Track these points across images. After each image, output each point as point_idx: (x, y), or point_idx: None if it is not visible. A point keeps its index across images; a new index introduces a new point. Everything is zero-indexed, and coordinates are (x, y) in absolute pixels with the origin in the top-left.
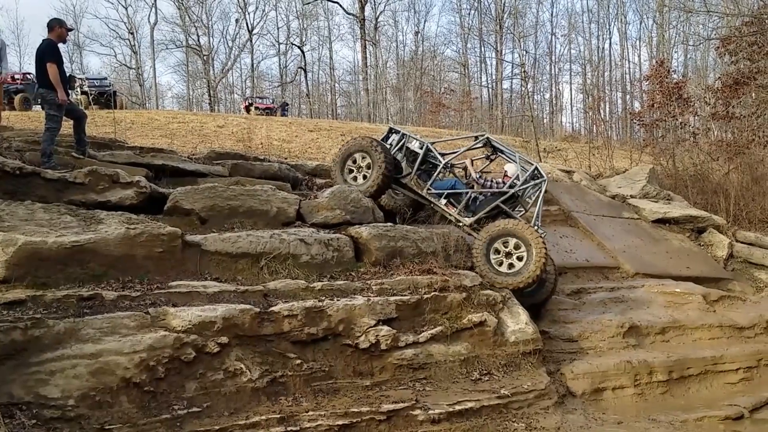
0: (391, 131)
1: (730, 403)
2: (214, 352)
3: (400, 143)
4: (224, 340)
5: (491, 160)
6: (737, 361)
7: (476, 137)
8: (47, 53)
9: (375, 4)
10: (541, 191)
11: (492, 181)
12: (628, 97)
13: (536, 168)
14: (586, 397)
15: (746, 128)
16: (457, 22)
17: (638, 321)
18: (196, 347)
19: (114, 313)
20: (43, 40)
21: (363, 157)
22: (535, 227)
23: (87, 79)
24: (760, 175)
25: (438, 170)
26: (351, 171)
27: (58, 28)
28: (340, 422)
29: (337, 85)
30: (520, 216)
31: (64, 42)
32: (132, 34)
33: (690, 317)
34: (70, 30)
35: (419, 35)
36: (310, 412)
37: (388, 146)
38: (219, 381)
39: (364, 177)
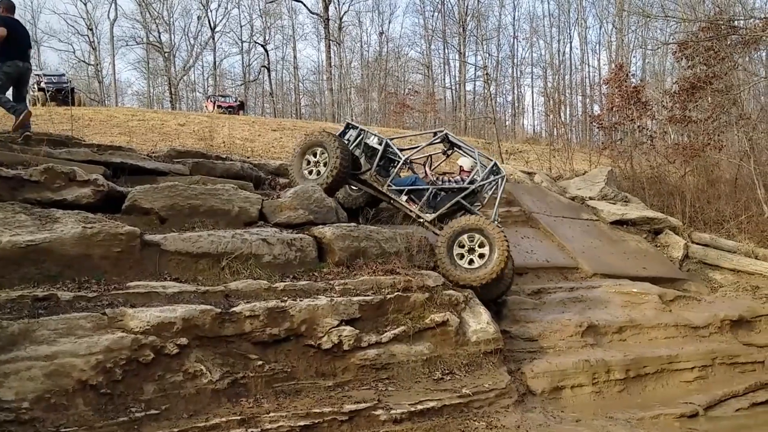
0: (348, 126)
1: (686, 401)
2: (173, 353)
3: (358, 139)
4: (184, 341)
5: (448, 156)
6: (692, 359)
7: (435, 133)
8: None
9: (339, 4)
10: (500, 187)
11: (450, 180)
12: (587, 100)
13: (495, 164)
14: (545, 395)
15: (702, 132)
16: (420, 24)
17: (596, 320)
18: (155, 349)
19: (70, 314)
20: None
21: (321, 153)
22: (495, 221)
23: (44, 75)
24: (715, 177)
25: (398, 166)
26: (308, 166)
27: None
28: (301, 423)
29: (301, 84)
30: (478, 210)
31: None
32: (91, 30)
33: (646, 317)
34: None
35: (383, 36)
36: (272, 414)
37: (346, 141)
38: (178, 383)
39: (318, 173)
